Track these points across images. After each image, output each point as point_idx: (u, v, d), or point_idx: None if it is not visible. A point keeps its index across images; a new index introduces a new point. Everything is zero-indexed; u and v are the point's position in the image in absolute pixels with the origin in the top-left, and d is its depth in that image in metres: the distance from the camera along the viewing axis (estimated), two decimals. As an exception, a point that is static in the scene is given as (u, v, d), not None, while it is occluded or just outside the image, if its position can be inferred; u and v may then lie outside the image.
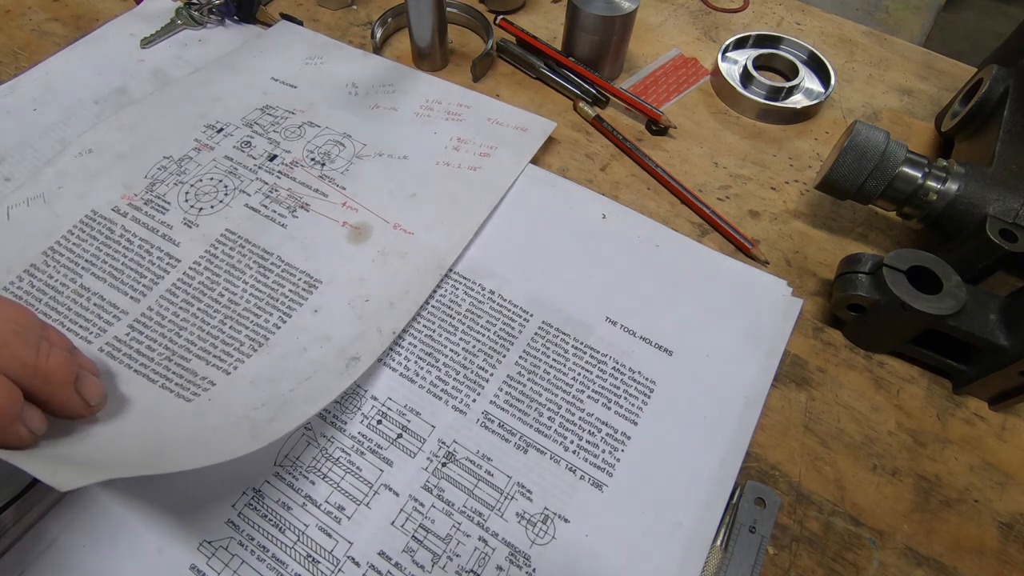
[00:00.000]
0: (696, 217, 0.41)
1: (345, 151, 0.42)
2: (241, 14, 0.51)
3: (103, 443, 0.27)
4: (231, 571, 0.27)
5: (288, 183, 0.40)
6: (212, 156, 0.41)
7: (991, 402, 0.34)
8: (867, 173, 0.36)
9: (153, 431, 0.28)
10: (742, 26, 0.55)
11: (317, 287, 0.35)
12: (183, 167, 0.40)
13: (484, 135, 0.43)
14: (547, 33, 0.53)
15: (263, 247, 0.37)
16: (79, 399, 0.26)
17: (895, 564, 0.29)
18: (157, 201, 0.38)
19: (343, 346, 0.32)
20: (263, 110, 0.44)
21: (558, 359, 0.34)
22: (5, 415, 0.22)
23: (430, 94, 0.46)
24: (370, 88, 0.46)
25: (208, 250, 0.36)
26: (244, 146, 0.41)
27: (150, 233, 0.37)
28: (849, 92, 0.50)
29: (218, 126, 0.43)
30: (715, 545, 0.29)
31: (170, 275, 0.35)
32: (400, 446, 0.31)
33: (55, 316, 0.33)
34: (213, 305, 0.34)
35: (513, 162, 0.42)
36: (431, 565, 0.28)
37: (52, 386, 0.25)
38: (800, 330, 0.36)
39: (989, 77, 0.40)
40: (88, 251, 0.36)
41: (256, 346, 0.33)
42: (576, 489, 0.30)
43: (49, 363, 0.24)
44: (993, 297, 0.32)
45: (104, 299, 0.34)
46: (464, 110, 0.45)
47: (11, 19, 0.50)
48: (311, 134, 0.43)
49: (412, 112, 0.45)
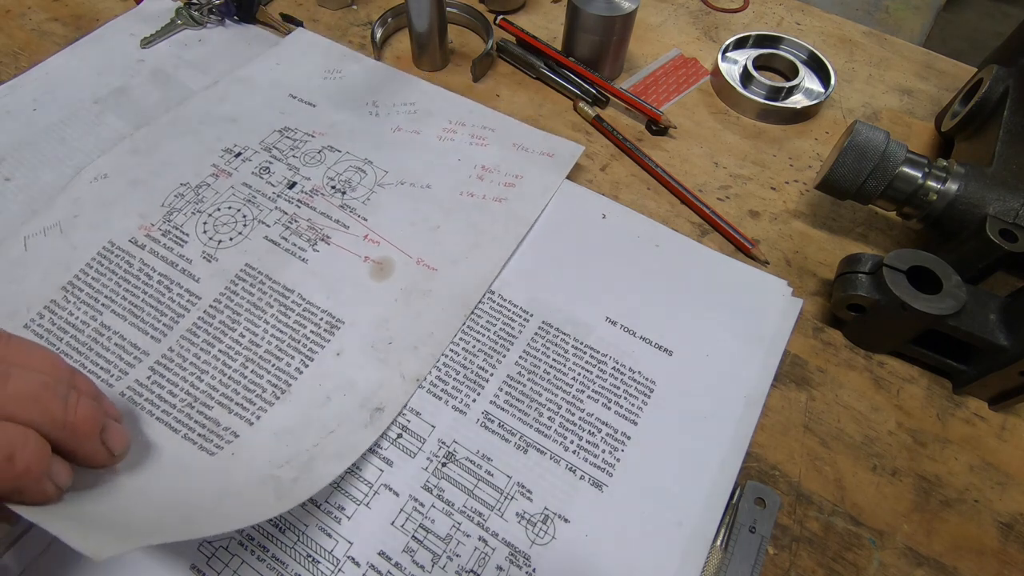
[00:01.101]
0: (696, 217, 0.41)
1: (366, 178, 0.40)
2: (241, 14, 0.51)
3: (129, 501, 0.26)
4: (231, 571, 0.27)
5: (308, 213, 0.38)
6: (230, 183, 0.39)
7: (991, 402, 0.34)
8: (867, 173, 0.36)
9: (179, 489, 0.28)
10: (742, 26, 0.55)
11: (339, 328, 0.34)
12: (200, 195, 0.39)
13: (509, 162, 0.42)
14: (547, 33, 0.53)
15: (284, 284, 0.35)
16: (104, 450, 0.25)
17: (895, 564, 0.29)
18: (175, 232, 0.37)
19: (366, 396, 0.32)
20: (281, 132, 0.43)
21: (558, 359, 0.34)
22: (33, 473, 0.22)
23: (453, 115, 0.44)
24: (391, 107, 0.45)
25: (228, 287, 0.35)
26: (263, 172, 0.40)
27: (169, 268, 0.36)
28: (849, 92, 0.50)
29: (236, 150, 0.41)
30: (715, 545, 0.29)
31: (191, 313, 0.34)
32: (400, 446, 0.31)
33: (76, 357, 0.32)
34: (234, 347, 0.33)
35: (539, 193, 0.40)
36: (431, 565, 0.28)
37: (79, 438, 0.24)
38: (800, 330, 0.36)
39: (989, 77, 0.40)
40: (107, 286, 0.35)
41: (279, 392, 0.32)
42: (576, 489, 0.30)
43: (78, 416, 0.24)
44: (993, 297, 0.32)
45: (125, 339, 0.33)
46: (488, 133, 0.43)
47: (11, 19, 0.50)
48: (331, 159, 0.41)
49: (435, 135, 0.43)
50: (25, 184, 0.39)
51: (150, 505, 0.26)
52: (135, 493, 0.27)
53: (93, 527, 0.23)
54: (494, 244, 0.38)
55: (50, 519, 0.22)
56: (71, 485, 0.24)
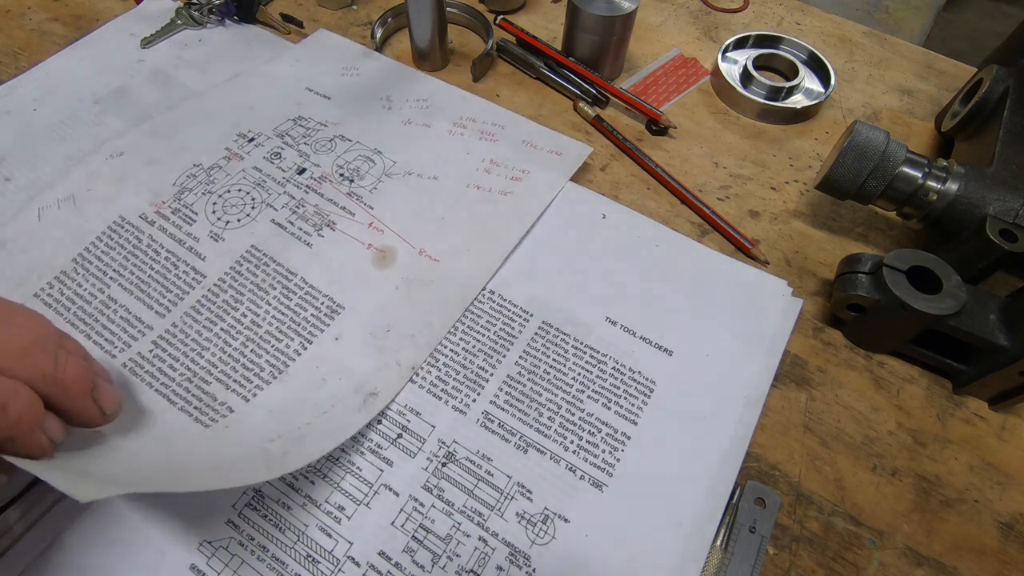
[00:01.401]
0: (696, 217, 0.41)
1: (375, 167, 0.41)
2: (241, 14, 0.51)
3: (120, 459, 0.27)
4: (231, 571, 0.27)
5: (315, 199, 0.39)
6: (241, 166, 0.40)
7: (991, 402, 0.34)
8: (867, 173, 0.36)
9: (171, 452, 0.28)
10: (742, 26, 0.55)
11: (339, 313, 0.34)
12: (212, 176, 0.39)
13: (517, 158, 0.42)
14: (547, 33, 0.53)
15: (287, 267, 0.36)
16: (96, 408, 0.26)
17: (895, 564, 0.29)
18: (185, 211, 0.37)
19: (362, 380, 0.32)
20: (295, 121, 0.43)
21: (558, 359, 0.34)
22: (26, 423, 0.22)
23: (465, 111, 0.45)
24: (404, 103, 0.45)
25: (233, 267, 0.36)
26: (274, 157, 0.41)
27: (177, 245, 0.36)
28: (849, 92, 0.50)
29: (249, 135, 0.42)
30: (715, 545, 0.29)
31: (195, 291, 0.35)
32: (400, 446, 0.31)
33: (82, 328, 0.33)
34: (236, 326, 0.34)
35: (545, 188, 0.40)
36: (431, 565, 0.28)
37: (70, 395, 0.25)
38: (800, 330, 0.36)
39: (989, 77, 0.40)
40: (116, 260, 0.35)
41: (276, 373, 0.32)
42: (576, 489, 0.30)
43: (67, 373, 0.24)
44: (993, 297, 0.32)
45: (130, 312, 0.34)
46: (498, 130, 0.44)
47: (11, 19, 0.50)
48: (342, 148, 0.42)
49: (445, 129, 0.44)
50: (25, 184, 0.39)
51: (141, 463, 0.27)
52: (128, 453, 0.27)
53: (82, 476, 0.24)
54: (497, 237, 0.38)
55: (41, 468, 0.22)
56: (64, 442, 0.25)
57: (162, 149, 0.40)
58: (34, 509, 0.28)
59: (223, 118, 0.43)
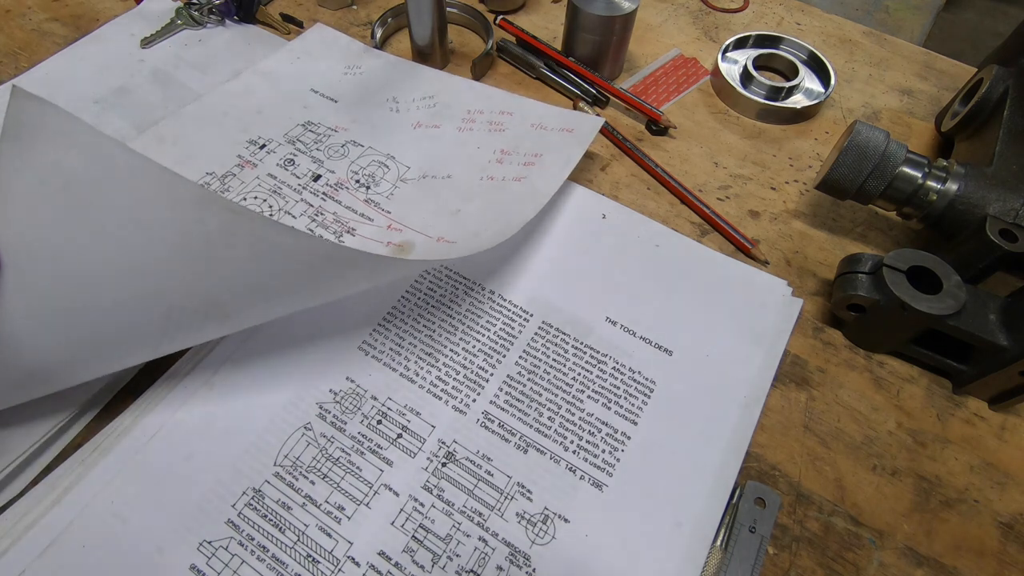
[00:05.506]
0: (696, 217, 0.41)
1: (389, 173, 0.41)
2: (241, 14, 0.51)
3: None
4: (231, 571, 0.27)
5: (334, 206, 0.39)
6: (255, 174, 0.40)
7: (991, 402, 0.34)
8: (867, 173, 0.36)
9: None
10: (742, 26, 0.55)
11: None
12: (227, 184, 0.40)
13: (529, 143, 0.42)
14: (547, 33, 0.53)
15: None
16: None
17: (895, 564, 0.29)
18: None
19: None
20: (305, 126, 0.44)
21: (558, 359, 0.34)
22: None
23: (472, 104, 0.45)
24: (411, 103, 0.45)
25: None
26: (287, 164, 0.41)
27: None
28: (849, 92, 0.50)
29: (260, 142, 0.42)
30: (715, 545, 0.29)
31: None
32: (400, 446, 0.31)
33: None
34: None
35: (559, 167, 0.40)
36: (431, 565, 0.28)
37: None
38: (800, 330, 0.36)
39: (989, 77, 0.40)
40: None
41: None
42: (576, 489, 0.30)
43: None
44: (993, 297, 0.32)
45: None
46: (506, 118, 0.44)
47: (11, 19, 0.50)
48: (355, 153, 0.42)
49: (454, 128, 0.44)
50: (25, 184, 0.39)
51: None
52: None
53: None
54: (512, 217, 0.38)
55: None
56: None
57: (170, 156, 0.40)
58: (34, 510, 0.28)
59: (231, 123, 0.43)
